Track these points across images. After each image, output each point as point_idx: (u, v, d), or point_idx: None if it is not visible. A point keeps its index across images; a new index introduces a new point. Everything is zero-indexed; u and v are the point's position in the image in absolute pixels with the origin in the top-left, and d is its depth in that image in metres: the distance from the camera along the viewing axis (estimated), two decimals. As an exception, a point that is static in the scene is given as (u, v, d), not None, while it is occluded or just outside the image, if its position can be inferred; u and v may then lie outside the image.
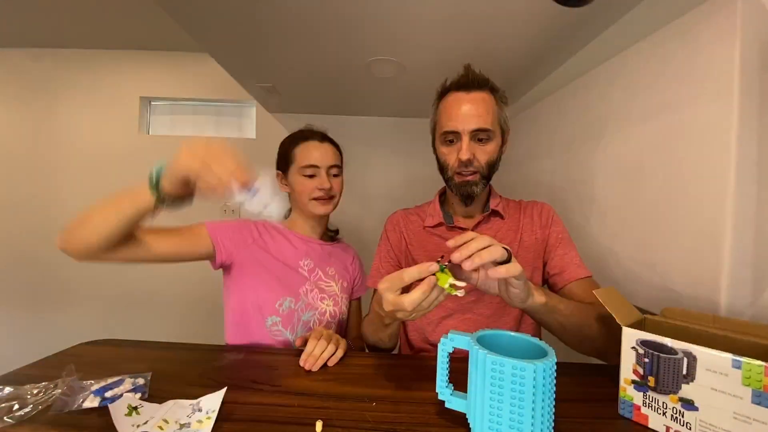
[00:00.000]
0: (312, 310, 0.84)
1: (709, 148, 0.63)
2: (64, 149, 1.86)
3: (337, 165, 0.88)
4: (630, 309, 0.54)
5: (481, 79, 0.72)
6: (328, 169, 0.86)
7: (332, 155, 0.87)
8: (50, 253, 1.84)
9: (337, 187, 0.88)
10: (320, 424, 0.43)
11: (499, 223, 0.80)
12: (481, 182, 0.73)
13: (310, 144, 0.86)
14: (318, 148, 0.85)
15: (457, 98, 0.72)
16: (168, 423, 0.42)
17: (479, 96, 0.71)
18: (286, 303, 0.81)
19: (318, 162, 0.84)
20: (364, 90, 1.46)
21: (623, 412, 0.48)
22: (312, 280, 0.86)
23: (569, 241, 0.77)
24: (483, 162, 0.72)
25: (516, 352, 0.42)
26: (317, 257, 0.90)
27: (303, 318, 0.83)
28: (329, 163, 0.86)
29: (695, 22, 0.68)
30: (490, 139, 0.71)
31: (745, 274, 0.59)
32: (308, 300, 0.84)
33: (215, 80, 1.83)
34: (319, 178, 0.85)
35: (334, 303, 0.87)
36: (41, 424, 0.43)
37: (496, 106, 0.72)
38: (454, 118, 0.71)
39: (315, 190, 0.84)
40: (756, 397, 0.37)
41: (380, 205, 1.84)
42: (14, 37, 1.77)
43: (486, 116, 0.70)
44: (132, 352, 0.67)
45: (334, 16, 0.91)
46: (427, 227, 0.83)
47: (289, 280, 0.84)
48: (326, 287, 0.88)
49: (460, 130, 0.70)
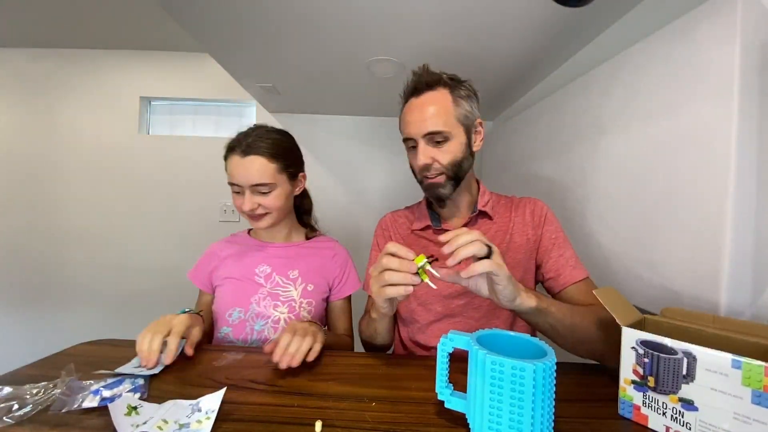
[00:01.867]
0: (264, 318, 0.81)
1: (709, 148, 0.63)
2: (64, 149, 1.86)
3: (264, 183, 0.76)
4: (630, 309, 0.54)
5: (431, 78, 0.71)
6: (253, 188, 0.77)
7: (256, 172, 0.75)
8: (50, 253, 1.84)
9: (269, 203, 0.78)
10: (320, 424, 0.43)
11: (487, 224, 0.79)
12: (449, 183, 0.72)
13: (233, 159, 0.77)
14: (239, 165, 0.75)
15: (409, 105, 0.72)
16: (167, 423, 0.42)
17: (429, 97, 0.70)
18: (236, 314, 0.81)
19: (239, 181, 0.76)
20: (364, 90, 1.46)
21: (623, 412, 0.48)
22: (267, 287, 0.83)
23: (564, 240, 0.75)
24: (445, 163, 0.70)
25: (515, 352, 0.42)
26: (276, 262, 0.86)
27: (256, 327, 0.80)
28: (252, 182, 0.76)
29: (695, 22, 0.67)
30: (448, 139, 0.70)
31: (745, 274, 0.59)
32: (259, 309, 0.81)
33: (215, 80, 1.83)
34: (243, 197, 0.77)
35: (289, 309, 0.82)
36: (41, 424, 0.43)
37: (451, 103, 0.70)
38: (407, 124, 0.71)
39: (241, 210, 0.79)
40: (756, 397, 0.37)
41: (380, 206, 1.85)
42: (14, 37, 1.78)
43: (437, 118, 0.68)
44: (132, 352, 0.66)
45: (334, 16, 0.91)
46: (414, 231, 0.82)
47: (239, 291, 0.83)
48: (282, 293, 0.83)
49: (413, 135, 0.70)
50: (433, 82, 0.71)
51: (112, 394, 0.48)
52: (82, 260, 1.85)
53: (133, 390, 0.50)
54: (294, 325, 0.63)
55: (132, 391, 0.50)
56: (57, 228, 1.85)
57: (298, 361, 0.57)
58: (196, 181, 1.87)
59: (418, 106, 0.70)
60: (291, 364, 0.57)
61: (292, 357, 0.57)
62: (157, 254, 1.87)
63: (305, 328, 0.63)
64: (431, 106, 0.69)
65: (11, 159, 1.86)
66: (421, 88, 0.71)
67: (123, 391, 0.49)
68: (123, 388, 0.50)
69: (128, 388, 0.50)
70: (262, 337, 0.80)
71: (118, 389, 0.50)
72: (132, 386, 0.51)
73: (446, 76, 0.72)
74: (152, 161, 1.86)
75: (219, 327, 0.82)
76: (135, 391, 0.50)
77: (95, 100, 1.88)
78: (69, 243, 1.84)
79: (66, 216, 1.85)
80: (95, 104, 1.88)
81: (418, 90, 0.71)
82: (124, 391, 0.49)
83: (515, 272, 0.74)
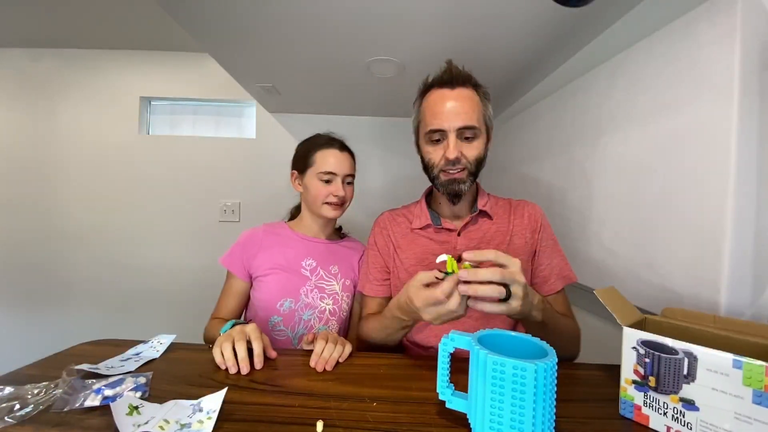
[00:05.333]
0: (312, 309, 0.88)
1: (709, 148, 0.63)
2: (64, 149, 1.86)
3: (352, 174, 0.94)
4: (630, 309, 0.54)
5: (465, 75, 0.71)
6: (344, 178, 0.91)
7: (349, 165, 0.92)
8: (50, 253, 1.84)
9: (349, 195, 0.93)
10: (321, 424, 0.43)
11: (487, 223, 0.79)
12: (469, 179, 0.72)
13: (331, 152, 0.90)
14: (337, 157, 0.90)
15: (441, 95, 0.70)
16: (169, 423, 0.42)
17: (464, 93, 0.70)
18: (287, 304, 0.87)
19: (336, 170, 0.89)
20: (364, 90, 1.46)
21: (624, 412, 0.48)
22: (313, 280, 0.90)
23: (553, 247, 0.78)
24: (471, 159, 0.71)
25: (516, 352, 0.42)
26: (320, 257, 0.94)
27: (303, 317, 0.88)
28: (345, 173, 0.91)
29: (695, 22, 0.68)
30: (476, 136, 0.71)
31: (745, 274, 0.59)
32: (308, 300, 0.88)
33: (215, 80, 1.83)
34: (334, 185, 0.89)
35: (333, 301, 0.90)
36: (42, 424, 0.43)
37: (480, 102, 0.71)
38: (440, 116, 0.69)
39: (330, 196, 0.89)
40: (757, 397, 0.37)
41: (380, 206, 1.84)
42: (14, 37, 1.77)
43: (471, 113, 0.69)
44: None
45: (334, 16, 0.91)
46: (414, 229, 0.82)
47: (289, 282, 0.88)
48: (327, 286, 0.91)
49: (446, 128, 0.69)
50: (466, 78, 0.71)
51: (114, 393, 0.48)
52: (82, 260, 1.84)
53: (135, 389, 0.50)
54: (326, 333, 0.68)
55: (134, 389, 0.50)
56: (57, 228, 1.84)
57: (331, 365, 0.61)
58: (196, 181, 1.86)
59: (453, 98, 0.69)
60: (326, 368, 0.60)
61: (326, 361, 0.61)
62: (158, 254, 1.86)
63: (335, 337, 0.68)
64: (466, 101, 0.69)
65: (11, 159, 1.85)
66: (455, 81, 0.70)
67: (125, 389, 0.49)
68: (125, 387, 0.50)
69: (130, 387, 0.50)
70: (309, 326, 0.88)
71: (120, 388, 0.50)
72: (134, 385, 0.51)
73: (473, 76, 0.73)
74: (152, 161, 1.86)
75: (268, 316, 0.86)
76: (137, 390, 0.50)
77: (95, 100, 1.87)
78: (69, 243, 1.84)
79: (66, 216, 1.85)
80: (95, 104, 1.87)
81: (451, 82, 0.70)
82: (126, 390, 0.49)
83: None
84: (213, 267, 1.00)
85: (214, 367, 0.60)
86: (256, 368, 0.60)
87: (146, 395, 0.50)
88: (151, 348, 0.65)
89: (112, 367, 0.57)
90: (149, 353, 0.63)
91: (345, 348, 0.65)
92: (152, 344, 0.67)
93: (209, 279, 1.03)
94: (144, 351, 0.64)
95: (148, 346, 0.66)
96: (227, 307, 0.90)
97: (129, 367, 0.57)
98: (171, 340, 0.68)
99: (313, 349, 0.64)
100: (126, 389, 0.50)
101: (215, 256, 0.95)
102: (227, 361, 0.58)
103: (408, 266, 0.80)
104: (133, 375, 0.54)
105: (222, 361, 0.59)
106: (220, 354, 0.59)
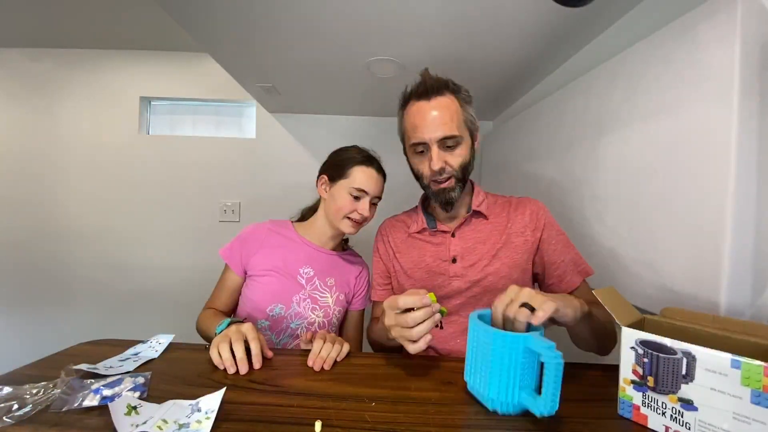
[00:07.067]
0: (301, 318, 0.87)
1: (709, 148, 0.63)
2: (64, 149, 1.86)
3: (379, 197, 0.92)
4: (629, 309, 0.54)
5: (440, 83, 0.71)
6: (372, 198, 0.89)
7: (380, 188, 0.91)
8: (50, 252, 1.84)
9: (371, 215, 0.92)
10: (319, 424, 0.43)
11: (483, 223, 0.79)
12: (458, 186, 0.73)
13: (369, 171, 0.89)
14: (374, 178, 0.89)
15: (418, 108, 0.71)
16: (167, 423, 0.42)
17: (441, 102, 0.70)
18: (277, 309, 0.86)
19: (369, 190, 0.88)
20: (364, 90, 1.46)
21: (622, 412, 0.48)
22: (308, 289, 0.89)
23: (565, 241, 0.77)
24: (456, 166, 0.72)
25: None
26: (319, 267, 0.92)
27: (291, 325, 0.86)
28: (375, 194, 0.90)
29: (695, 22, 0.67)
30: (459, 143, 0.71)
31: (745, 274, 0.59)
32: (299, 309, 0.87)
33: (215, 80, 1.83)
34: (362, 203, 0.88)
35: (324, 314, 0.89)
36: (41, 424, 0.43)
37: (459, 108, 0.71)
38: (420, 129, 0.70)
39: (354, 212, 0.87)
40: (755, 397, 0.37)
41: (379, 206, 1.84)
42: (14, 37, 1.77)
43: (451, 123, 0.69)
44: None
45: (334, 16, 0.91)
46: (412, 234, 0.84)
47: (283, 287, 0.87)
48: (320, 297, 0.90)
49: (427, 140, 0.70)
50: (442, 86, 0.71)
51: (112, 393, 0.48)
52: (81, 260, 1.85)
53: (133, 389, 0.50)
54: (323, 334, 0.68)
55: (132, 389, 0.50)
56: (57, 228, 1.85)
57: (329, 364, 0.61)
58: (196, 181, 1.87)
59: (430, 109, 0.70)
60: (324, 367, 0.60)
61: (324, 360, 0.61)
62: (157, 254, 1.87)
63: (333, 337, 0.68)
64: (444, 111, 0.69)
65: (11, 158, 1.85)
66: (431, 92, 0.70)
67: (123, 389, 0.49)
68: (123, 386, 0.50)
69: (129, 387, 0.50)
70: (295, 334, 0.87)
71: (119, 388, 0.50)
72: (133, 385, 0.51)
73: (450, 81, 0.72)
74: (152, 161, 1.86)
75: (256, 318, 0.86)
76: (135, 390, 0.50)
77: (95, 100, 1.88)
78: (69, 243, 1.84)
79: (66, 216, 1.85)
80: (95, 104, 1.87)
81: (427, 93, 0.71)
82: (125, 390, 0.49)
83: (513, 272, 0.75)
84: (213, 267, 1.00)
85: (213, 367, 0.60)
86: (254, 368, 0.59)
87: (145, 395, 0.50)
88: (149, 348, 0.65)
89: (111, 367, 0.57)
90: (148, 353, 0.63)
91: (343, 347, 0.65)
92: (151, 344, 0.67)
93: (209, 279, 1.02)
94: (143, 351, 0.64)
95: (146, 346, 0.66)
96: (221, 299, 0.90)
97: (128, 367, 0.57)
98: (170, 340, 0.68)
99: (311, 349, 0.64)
100: (124, 389, 0.50)
101: (215, 256, 0.95)
102: (225, 361, 0.58)
103: (407, 269, 0.82)
104: (132, 375, 0.54)
105: (220, 361, 0.59)
106: (218, 354, 0.59)
